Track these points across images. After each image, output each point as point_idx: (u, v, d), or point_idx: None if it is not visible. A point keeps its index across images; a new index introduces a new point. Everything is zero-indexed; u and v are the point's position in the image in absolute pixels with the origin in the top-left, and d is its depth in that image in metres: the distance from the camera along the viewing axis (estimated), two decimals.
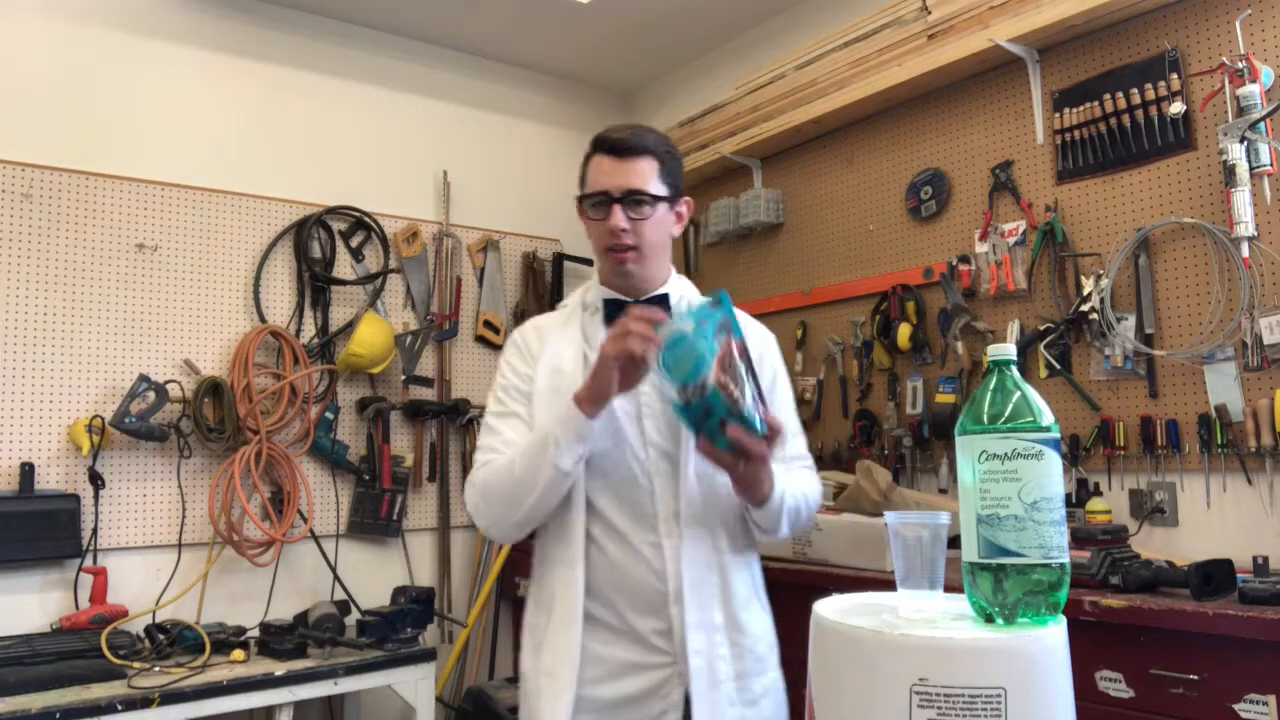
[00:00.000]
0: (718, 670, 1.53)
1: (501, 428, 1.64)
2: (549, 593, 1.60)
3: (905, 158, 3.06)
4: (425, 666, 2.84)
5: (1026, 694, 0.92)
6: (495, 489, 1.56)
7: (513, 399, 1.66)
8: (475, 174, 3.84)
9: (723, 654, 1.54)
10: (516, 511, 1.54)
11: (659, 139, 1.64)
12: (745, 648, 1.57)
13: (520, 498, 1.52)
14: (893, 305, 3.00)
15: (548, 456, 1.48)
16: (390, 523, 3.40)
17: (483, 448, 1.64)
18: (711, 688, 1.51)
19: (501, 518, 1.57)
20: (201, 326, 3.13)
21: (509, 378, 1.68)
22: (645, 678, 1.54)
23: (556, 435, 1.48)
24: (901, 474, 2.96)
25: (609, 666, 1.55)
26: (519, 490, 1.52)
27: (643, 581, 1.54)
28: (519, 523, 1.57)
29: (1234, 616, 1.69)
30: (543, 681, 1.56)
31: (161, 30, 3.16)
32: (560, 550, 1.58)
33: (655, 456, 1.58)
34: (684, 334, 1.37)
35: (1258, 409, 2.16)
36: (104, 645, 2.49)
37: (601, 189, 1.60)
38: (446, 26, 3.63)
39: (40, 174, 2.89)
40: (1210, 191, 2.30)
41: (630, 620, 1.55)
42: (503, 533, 1.60)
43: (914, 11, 2.82)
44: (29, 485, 2.72)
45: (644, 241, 1.61)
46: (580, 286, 1.77)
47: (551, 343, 1.67)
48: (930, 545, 1.04)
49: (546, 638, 1.58)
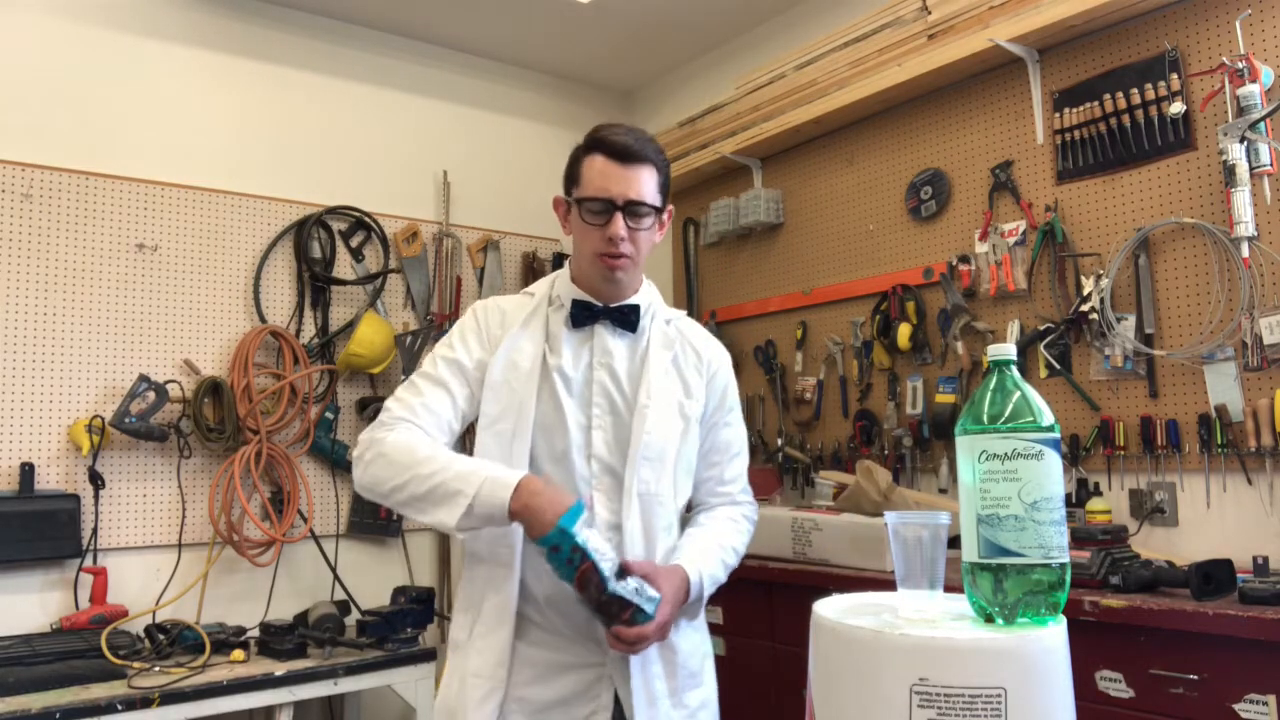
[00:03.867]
0: (654, 688, 1.54)
1: (427, 391, 1.59)
2: (478, 591, 1.58)
3: (905, 158, 3.06)
4: (425, 666, 2.84)
5: (1026, 694, 0.92)
6: (392, 470, 1.51)
7: (450, 372, 1.60)
8: (475, 174, 3.84)
9: (657, 671, 1.55)
10: (389, 499, 1.52)
11: (657, 146, 1.61)
12: (677, 664, 1.58)
13: (403, 504, 1.50)
14: (893, 305, 3.00)
15: (452, 512, 1.44)
16: (390, 523, 3.40)
17: (401, 401, 1.59)
18: (650, 705, 1.52)
19: (377, 494, 1.54)
20: (201, 326, 3.13)
21: (456, 351, 1.62)
22: (575, 678, 1.54)
23: (473, 505, 1.43)
24: (901, 474, 2.96)
25: (538, 668, 1.54)
26: (406, 500, 1.49)
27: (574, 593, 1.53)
28: (387, 505, 1.56)
29: (1234, 616, 1.69)
30: (470, 682, 1.53)
31: (161, 30, 3.16)
32: (494, 549, 1.56)
33: (598, 470, 1.56)
34: (547, 559, 1.44)
35: (1258, 409, 2.16)
36: (104, 645, 2.49)
37: (605, 195, 1.54)
38: (446, 26, 3.63)
39: (40, 174, 2.89)
40: (1210, 191, 2.30)
41: (561, 623, 1.54)
42: (367, 496, 1.58)
43: (914, 11, 2.82)
44: (29, 485, 2.72)
45: (638, 251, 1.59)
46: (547, 277, 1.71)
47: (513, 334, 1.62)
48: (930, 545, 1.04)
49: (474, 638, 1.56)
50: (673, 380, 1.63)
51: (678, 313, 1.73)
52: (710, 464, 1.70)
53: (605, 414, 1.58)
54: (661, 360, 1.63)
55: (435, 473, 1.47)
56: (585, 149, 1.60)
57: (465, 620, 1.60)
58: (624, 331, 1.63)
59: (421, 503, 1.48)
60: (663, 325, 1.67)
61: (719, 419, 1.70)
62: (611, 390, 1.59)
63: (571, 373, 1.59)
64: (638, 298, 1.65)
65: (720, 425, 1.71)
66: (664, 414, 1.59)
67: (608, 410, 1.58)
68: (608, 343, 1.61)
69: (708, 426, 1.69)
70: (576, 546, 1.41)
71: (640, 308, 1.65)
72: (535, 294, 1.68)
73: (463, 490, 1.44)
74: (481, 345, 1.63)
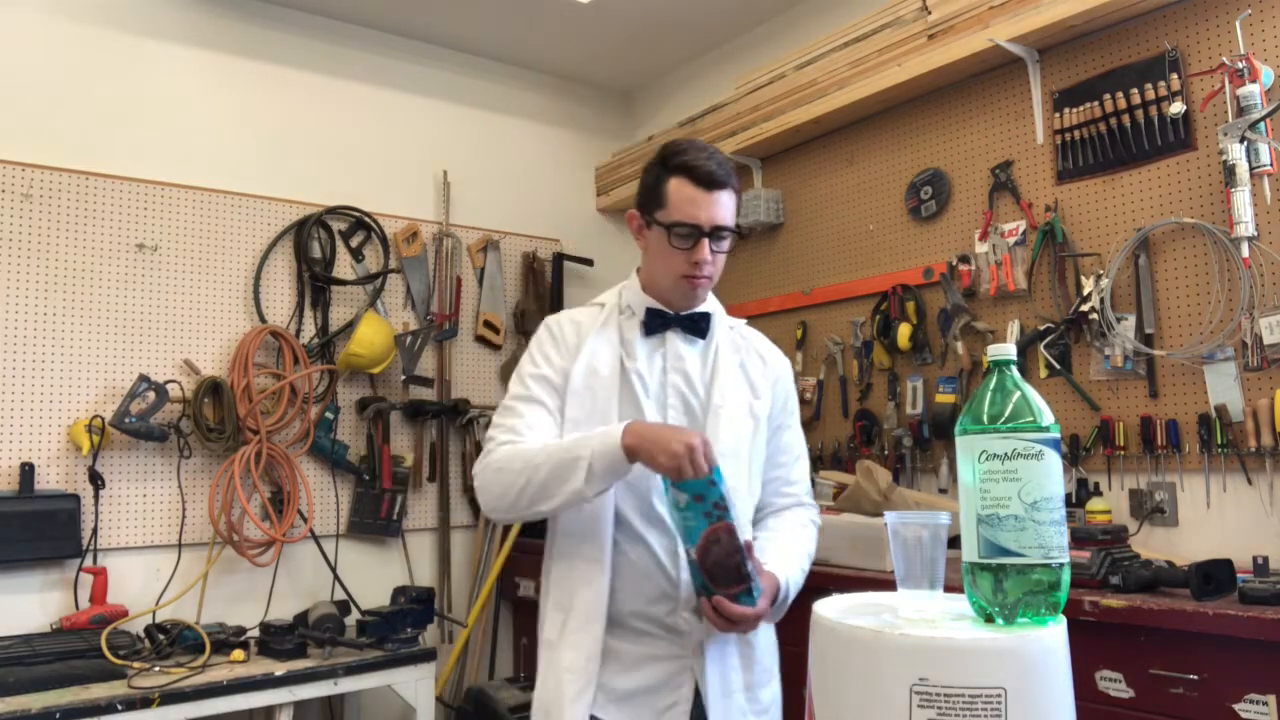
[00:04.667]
0: (730, 681, 1.58)
1: (525, 411, 1.64)
2: (569, 589, 1.62)
3: (905, 158, 3.06)
4: (425, 666, 2.84)
5: (1026, 694, 0.92)
6: (510, 476, 1.56)
7: (541, 387, 1.65)
8: (475, 174, 3.84)
9: (734, 664, 1.60)
10: (519, 504, 1.56)
11: (731, 167, 1.65)
12: (754, 659, 1.62)
13: (533, 499, 1.54)
14: (893, 305, 3.00)
15: (577, 478, 1.49)
16: (390, 523, 3.40)
17: (501, 426, 1.64)
18: (724, 696, 1.57)
19: (505, 506, 1.59)
20: (201, 326, 3.13)
21: (541, 367, 1.67)
22: (660, 668, 1.58)
23: (592, 464, 1.48)
24: (901, 474, 2.96)
25: (624, 661, 1.58)
26: (535, 493, 1.53)
27: (659, 584, 1.57)
28: (519, 514, 1.61)
29: (1234, 616, 1.69)
30: (565, 678, 1.57)
31: (161, 30, 3.16)
32: (585, 549, 1.60)
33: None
34: (678, 503, 1.44)
35: (1258, 409, 2.16)
36: (104, 645, 2.49)
37: (693, 221, 1.59)
38: (446, 26, 3.63)
39: (40, 174, 2.89)
40: (1210, 191, 2.30)
41: (646, 617, 1.58)
42: (500, 516, 1.64)
43: (914, 11, 2.82)
44: (29, 485, 2.72)
45: (717, 271, 1.66)
46: (613, 289, 1.77)
47: (589, 342, 1.67)
48: (930, 545, 1.04)
49: (566, 635, 1.60)
50: (741, 383, 1.70)
51: (739, 321, 1.80)
52: (776, 465, 1.76)
53: (681, 415, 1.64)
54: (730, 364, 1.70)
55: (547, 458, 1.53)
56: (668, 170, 1.63)
57: (557, 618, 1.63)
58: (694, 338, 1.70)
59: (548, 488, 1.52)
60: (727, 331, 1.75)
61: (783, 421, 1.77)
62: (686, 392, 1.66)
63: (647, 376, 1.65)
64: (706, 306, 1.72)
65: (784, 428, 1.77)
66: (736, 413, 1.66)
67: (683, 411, 1.64)
68: (679, 348, 1.68)
69: (772, 428, 1.75)
70: (722, 500, 1.41)
71: (711, 316, 1.71)
72: (605, 304, 1.75)
73: (578, 455, 1.49)
74: (561, 355, 1.68)
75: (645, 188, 1.67)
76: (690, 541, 1.46)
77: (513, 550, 3.46)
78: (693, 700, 1.57)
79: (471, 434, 3.67)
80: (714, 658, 1.57)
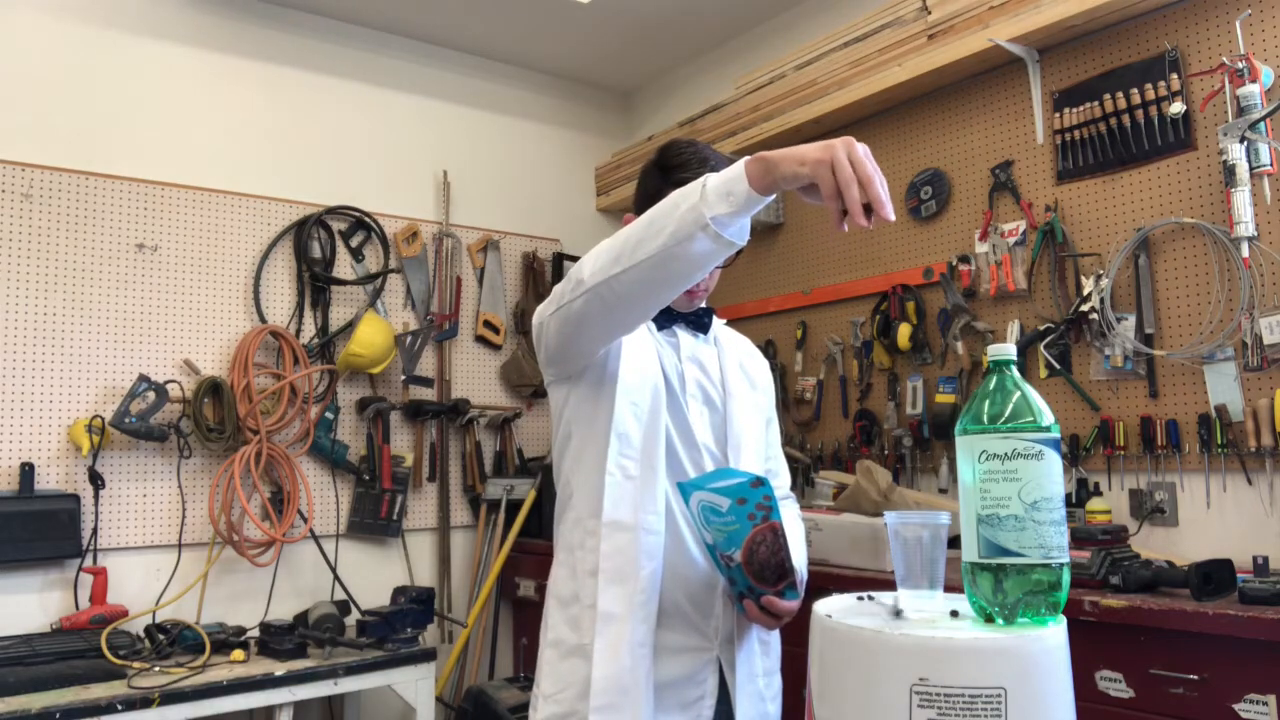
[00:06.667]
0: (754, 665, 1.59)
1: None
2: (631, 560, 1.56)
3: (905, 158, 3.06)
4: (425, 666, 2.84)
5: (1026, 694, 0.92)
6: (607, 255, 1.36)
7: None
8: (475, 174, 3.84)
9: (756, 650, 1.61)
10: (630, 277, 1.32)
11: None
12: (770, 645, 1.64)
13: (645, 259, 1.29)
14: (893, 305, 3.00)
15: (689, 196, 1.26)
16: (390, 523, 3.40)
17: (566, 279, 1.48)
18: (749, 680, 1.57)
19: (599, 269, 1.36)
20: (201, 326, 3.13)
21: None
22: (687, 661, 1.56)
23: (705, 184, 1.27)
24: (901, 474, 2.96)
25: (657, 651, 1.55)
26: (642, 234, 1.30)
27: (702, 574, 1.57)
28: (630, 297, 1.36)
29: (1234, 616, 1.69)
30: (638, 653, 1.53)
31: (161, 30, 3.16)
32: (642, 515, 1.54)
33: (706, 460, 1.61)
34: (719, 509, 1.38)
35: (1258, 409, 2.16)
36: (104, 645, 2.49)
37: None
38: (447, 26, 3.63)
39: (40, 174, 2.89)
40: (1210, 191, 2.30)
41: (684, 609, 1.56)
42: (604, 314, 1.40)
43: (914, 11, 2.82)
44: (29, 485, 2.72)
45: (713, 279, 1.67)
46: None
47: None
48: (930, 545, 1.04)
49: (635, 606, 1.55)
50: (744, 376, 1.74)
51: (720, 321, 1.82)
52: (768, 459, 1.78)
53: (702, 403, 1.65)
54: (734, 358, 1.73)
55: (646, 218, 1.32)
56: (668, 182, 1.55)
57: (622, 592, 1.52)
58: (698, 333, 1.72)
59: (656, 222, 1.29)
60: (722, 328, 1.78)
61: (770, 415, 1.81)
62: (704, 381, 1.67)
63: (666, 364, 1.66)
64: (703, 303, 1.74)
65: (771, 422, 1.81)
66: (746, 404, 1.69)
67: (703, 400, 1.65)
68: (690, 341, 1.70)
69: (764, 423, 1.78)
70: (766, 500, 1.35)
71: (713, 312, 1.74)
72: None
73: (687, 192, 1.28)
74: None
75: (643, 194, 1.65)
76: (733, 546, 1.39)
77: (513, 550, 3.46)
78: (718, 694, 1.56)
79: (471, 434, 3.67)
80: (742, 648, 1.57)
